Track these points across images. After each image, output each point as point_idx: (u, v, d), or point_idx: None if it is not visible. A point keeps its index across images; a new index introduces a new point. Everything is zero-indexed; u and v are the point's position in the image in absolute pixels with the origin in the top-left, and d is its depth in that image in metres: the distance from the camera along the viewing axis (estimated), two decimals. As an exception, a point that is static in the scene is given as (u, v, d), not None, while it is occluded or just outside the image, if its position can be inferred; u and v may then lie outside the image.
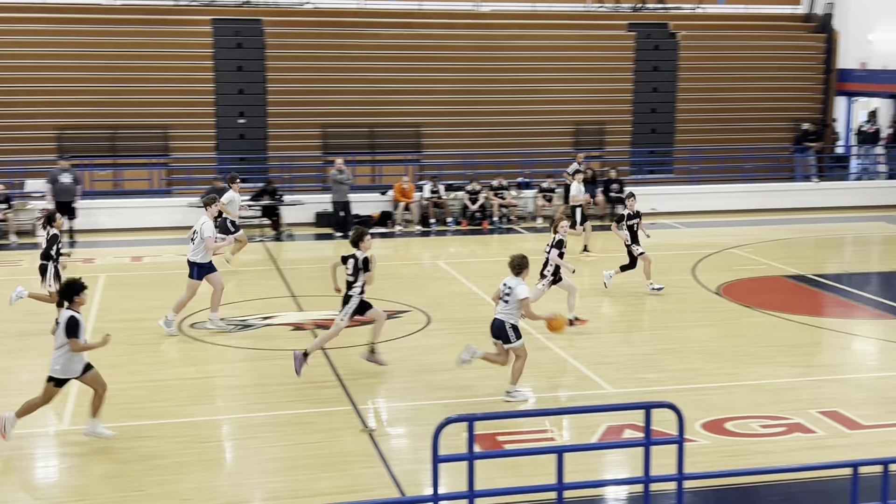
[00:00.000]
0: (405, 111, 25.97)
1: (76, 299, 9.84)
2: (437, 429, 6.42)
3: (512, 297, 11.27)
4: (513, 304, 11.26)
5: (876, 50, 28.08)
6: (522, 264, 11.42)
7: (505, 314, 11.35)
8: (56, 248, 13.91)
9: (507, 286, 11.36)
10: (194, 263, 14.06)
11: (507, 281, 11.42)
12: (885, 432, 10.46)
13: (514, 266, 11.40)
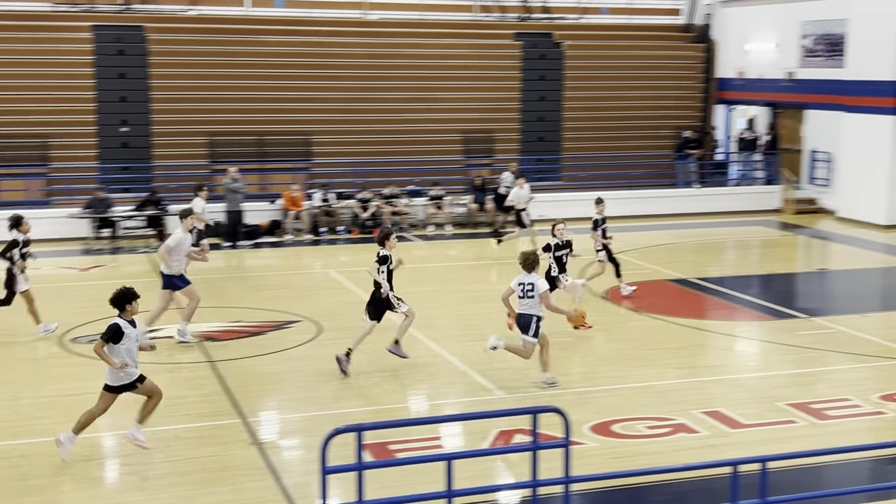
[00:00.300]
0: (294, 119, 25.75)
1: (128, 308, 9.80)
2: (324, 440, 6.36)
3: (535, 291, 11.90)
4: (537, 298, 11.90)
5: (752, 60, 29.05)
6: (536, 260, 12.10)
7: (531, 309, 11.97)
8: (19, 252, 14.00)
9: (528, 283, 11.97)
10: (168, 276, 13.95)
11: (522, 279, 12.04)
12: (765, 431, 10.80)
13: (529, 263, 12.03)
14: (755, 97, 29.35)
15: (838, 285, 19.07)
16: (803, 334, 14.78)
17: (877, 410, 11.50)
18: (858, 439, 10.37)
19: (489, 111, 27.25)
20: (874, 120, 24.36)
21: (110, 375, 9.83)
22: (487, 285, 18.07)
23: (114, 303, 9.84)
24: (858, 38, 24.74)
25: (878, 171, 24.18)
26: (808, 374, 13.00)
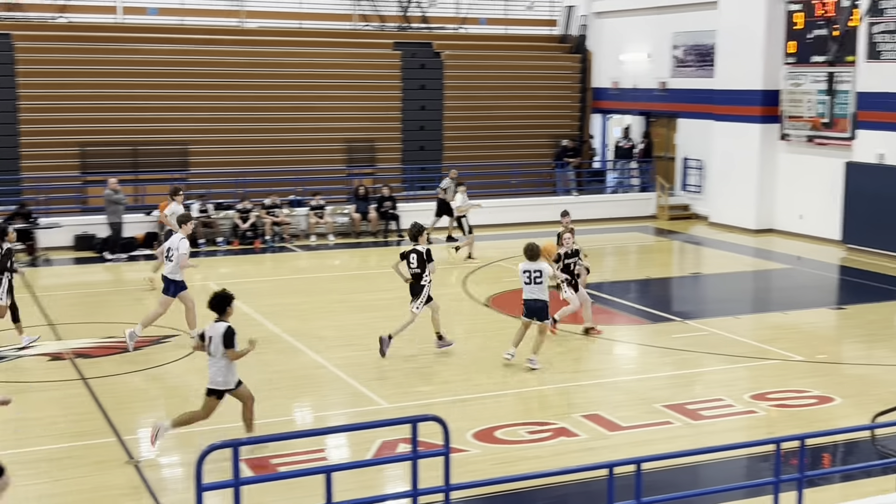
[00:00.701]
0: (170, 129, 25.22)
1: (228, 310, 10.05)
2: (200, 456, 6.24)
3: (543, 277, 13.02)
4: (545, 283, 13.01)
5: (626, 70, 29.78)
6: (538, 251, 13.23)
7: (541, 294, 13.11)
8: (10, 262, 14.08)
9: (534, 269, 13.07)
10: (171, 280, 14.24)
11: (526, 266, 13.11)
12: (643, 432, 11.04)
13: (534, 253, 13.13)
14: (630, 106, 30.08)
15: (711, 289, 19.65)
16: (678, 337, 15.18)
17: (748, 409, 11.87)
18: (731, 438, 10.68)
19: (370, 120, 27.21)
20: (743, 128, 25.23)
21: (225, 378, 10.00)
22: (371, 295, 18.03)
23: (215, 307, 10.03)
24: (727, 49, 25.60)
25: (747, 177, 25.04)
26: (683, 376, 13.35)
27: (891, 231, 21.36)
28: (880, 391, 12.37)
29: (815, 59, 23.54)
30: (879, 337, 15.38)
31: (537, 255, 13.16)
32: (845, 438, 10.77)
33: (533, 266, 13.14)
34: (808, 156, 24.04)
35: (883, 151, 21.80)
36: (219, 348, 9.98)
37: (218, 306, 10.11)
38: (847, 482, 9.72)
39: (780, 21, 24.55)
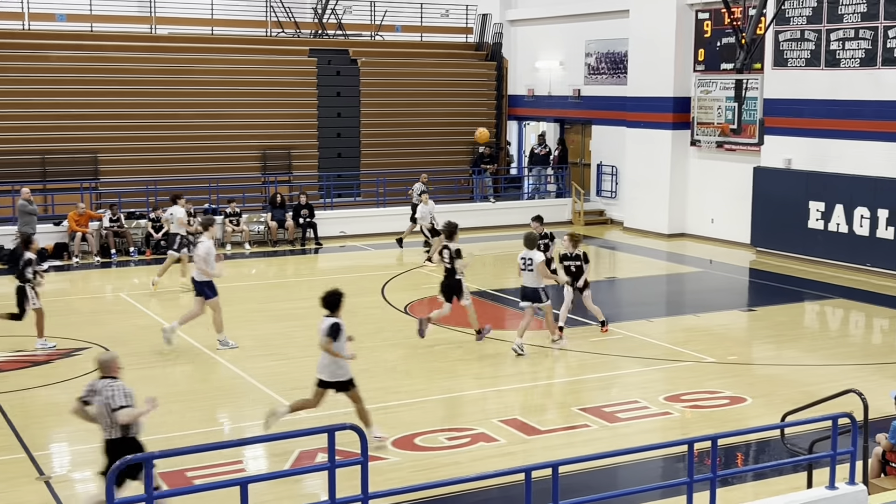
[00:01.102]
0: (80, 137, 24.70)
1: (339, 308, 10.59)
2: (111, 472, 6.12)
3: (533, 264, 14.08)
4: (536, 270, 14.09)
5: (541, 77, 30.10)
6: (536, 239, 14.66)
7: (533, 282, 14.16)
8: (32, 270, 14.47)
9: (527, 258, 14.15)
10: (203, 282, 14.68)
11: (523, 254, 14.24)
12: (560, 436, 11.16)
13: (529, 241, 14.37)
14: (545, 113, 30.42)
15: (626, 293, 19.94)
16: (595, 341, 15.37)
17: (664, 411, 12.08)
18: (647, 439, 10.86)
19: (286, 127, 27.02)
20: (655, 134, 25.70)
21: (331, 371, 10.47)
22: (289, 304, 17.90)
23: (328, 304, 10.52)
24: (638, 57, 26.06)
25: (660, 183, 25.51)
26: (600, 379, 13.52)
27: (797, 234, 21.97)
28: (790, 391, 12.70)
29: (724, 66, 24.11)
30: (788, 338, 15.79)
31: (531, 244, 14.45)
32: (756, 438, 11.03)
33: (527, 254, 14.23)
34: (718, 161, 24.60)
35: (789, 157, 22.41)
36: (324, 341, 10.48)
37: (330, 304, 10.58)
38: (759, 480, 9.96)
39: (690, 29, 25.09)
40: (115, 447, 8.16)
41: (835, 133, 21.41)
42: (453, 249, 14.98)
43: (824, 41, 21.52)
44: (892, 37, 20.15)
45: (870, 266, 20.50)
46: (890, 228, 20.04)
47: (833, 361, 14.26)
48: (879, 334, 16.69)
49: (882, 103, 20.40)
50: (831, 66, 21.40)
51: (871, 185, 20.43)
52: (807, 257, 21.80)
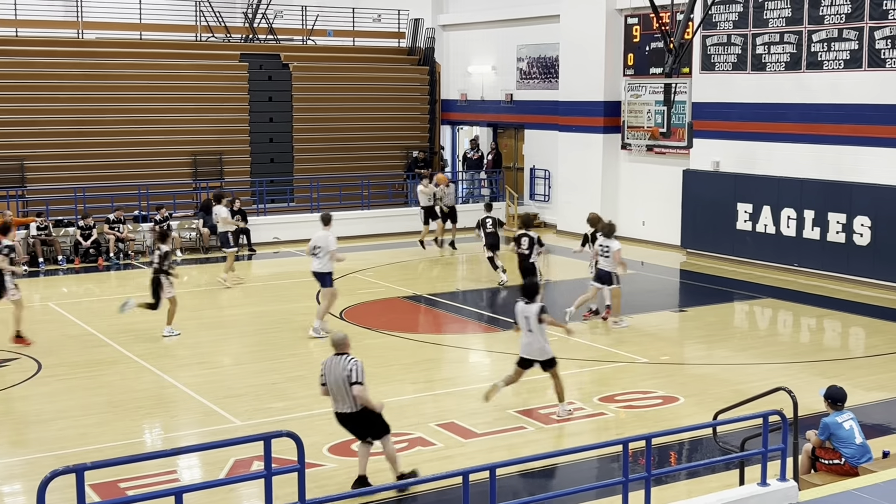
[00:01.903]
0: (5, 144, 24.19)
1: (538, 296, 11.95)
2: (42, 483, 6.00)
3: (611, 252, 16.01)
4: (612, 257, 15.98)
5: (474, 82, 30.23)
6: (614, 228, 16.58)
7: (608, 265, 16.12)
8: (168, 262, 15.62)
9: (605, 245, 16.12)
10: (324, 274, 15.61)
11: (601, 241, 16.21)
12: (497, 438, 11.20)
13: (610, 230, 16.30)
14: (478, 118, 30.54)
15: (560, 295, 20.07)
16: (530, 343, 15.43)
17: (598, 412, 12.20)
18: (582, 440, 10.97)
19: (218, 132, 26.75)
20: (586, 138, 25.95)
21: (540, 349, 11.80)
22: (222, 311, 17.71)
23: (528, 294, 11.97)
24: (569, 62, 26.30)
25: (591, 186, 25.76)
26: (535, 381, 13.55)
27: (726, 235, 22.35)
28: (721, 389, 12.91)
29: (653, 70, 24.45)
30: (719, 337, 16.05)
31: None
32: (689, 436, 11.19)
33: (605, 242, 16.21)
34: (649, 164, 24.93)
35: (718, 159, 22.80)
36: (534, 324, 11.72)
37: (529, 293, 11.97)
38: (692, 479, 10.10)
39: (619, 34, 25.40)
40: (352, 420, 9.47)
41: (762, 136, 21.84)
42: (534, 237, 17.39)
43: (750, 45, 21.94)
44: (815, 41, 20.63)
45: (797, 266, 20.94)
46: (816, 229, 20.48)
47: (763, 360, 14.53)
48: (807, 333, 17.05)
49: (807, 106, 20.86)
50: (758, 69, 21.83)
51: (798, 187, 20.87)
52: (736, 258, 22.19)
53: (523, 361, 11.95)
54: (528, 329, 11.85)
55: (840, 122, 20.22)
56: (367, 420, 9.42)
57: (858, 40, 19.78)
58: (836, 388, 9.30)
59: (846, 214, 19.87)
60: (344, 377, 9.25)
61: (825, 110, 20.52)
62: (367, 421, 9.41)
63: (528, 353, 11.91)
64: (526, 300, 11.94)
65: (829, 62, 20.41)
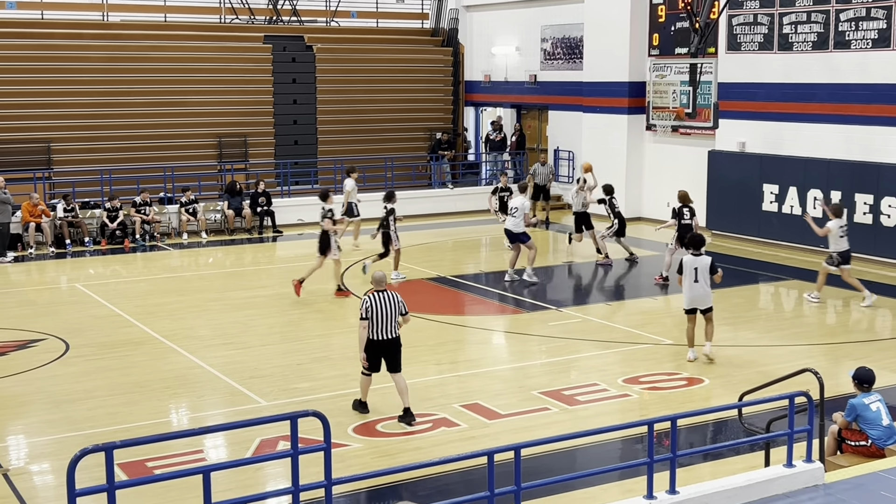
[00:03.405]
0: (32, 126, 24.36)
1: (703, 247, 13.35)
2: (72, 462, 6.06)
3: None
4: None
5: (497, 63, 30.11)
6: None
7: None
8: (393, 219, 18.02)
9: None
10: (518, 233, 18.08)
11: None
12: (521, 419, 11.21)
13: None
14: (501, 99, 30.43)
15: (584, 277, 20.05)
16: (554, 325, 15.46)
17: (622, 393, 12.19)
18: (606, 421, 10.98)
19: (242, 115, 26.81)
20: (610, 119, 25.82)
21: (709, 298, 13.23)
22: (247, 292, 17.79)
23: (693, 244, 13.29)
24: (594, 42, 26.14)
25: (616, 167, 25.64)
26: (559, 363, 13.60)
27: (752, 217, 22.21)
28: (746, 371, 12.86)
29: (679, 51, 24.28)
30: (744, 319, 15.97)
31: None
32: (714, 418, 11.17)
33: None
34: (674, 145, 24.78)
35: (744, 140, 22.63)
36: (705, 274, 13.01)
37: (696, 244, 13.25)
38: (717, 460, 10.08)
39: (644, 14, 25.21)
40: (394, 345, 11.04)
41: (788, 116, 21.64)
42: None
43: (777, 25, 21.73)
44: (843, 20, 20.40)
45: (823, 248, 20.75)
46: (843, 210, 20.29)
47: (789, 342, 14.46)
48: (833, 315, 16.93)
49: (834, 86, 20.66)
50: (784, 49, 21.63)
51: (824, 168, 20.69)
52: (761, 239, 22.05)
53: (692, 310, 13.26)
54: (694, 280, 13.07)
55: (868, 101, 20.01)
56: (399, 347, 11.12)
57: (887, 19, 19.54)
58: (865, 369, 9.24)
59: (873, 195, 19.68)
60: (399, 307, 11.00)
61: (853, 90, 20.31)
62: (399, 348, 11.12)
63: (691, 303, 13.21)
64: (693, 252, 13.16)
65: (856, 41, 20.19)
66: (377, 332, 10.92)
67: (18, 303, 17.18)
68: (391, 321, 10.93)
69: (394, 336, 11.02)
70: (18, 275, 19.94)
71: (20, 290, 18.70)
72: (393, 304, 10.94)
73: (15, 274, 19.96)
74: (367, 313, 10.85)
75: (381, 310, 10.87)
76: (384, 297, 10.92)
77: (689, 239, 13.75)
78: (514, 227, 18.13)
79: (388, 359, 11.09)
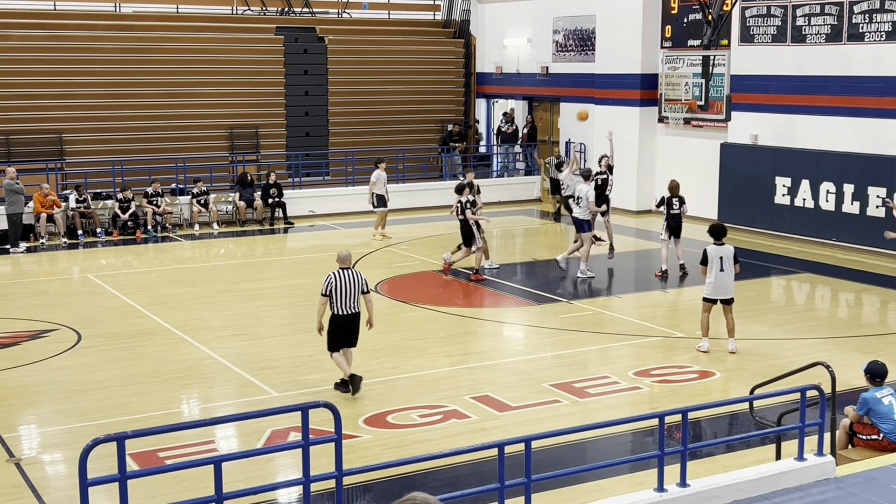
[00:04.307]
0: (44, 116, 24.42)
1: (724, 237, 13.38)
2: (84, 451, 6.09)
3: None
4: None
5: (509, 55, 30.05)
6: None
7: None
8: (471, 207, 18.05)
9: None
10: (583, 220, 18.03)
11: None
12: (531, 412, 11.21)
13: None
14: (513, 91, 30.36)
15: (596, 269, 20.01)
16: (565, 317, 15.45)
17: (633, 386, 12.18)
18: (617, 414, 10.96)
19: (254, 106, 26.83)
20: (623, 111, 25.75)
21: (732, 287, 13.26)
22: (258, 283, 17.82)
23: (716, 234, 13.29)
24: (606, 34, 26.06)
25: (628, 159, 25.57)
26: (569, 355, 13.59)
27: (764, 209, 22.14)
28: (757, 364, 12.83)
29: (691, 43, 24.18)
30: (756, 312, 15.93)
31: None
32: (726, 411, 11.14)
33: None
34: (686, 138, 24.70)
35: (756, 132, 22.55)
36: (730, 263, 13.08)
37: (717, 234, 13.26)
38: (728, 453, 10.07)
39: (657, 6, 25.11)
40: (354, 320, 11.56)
41: (801, 109, 21.55)
42: None
43: (790, 17, 21.62)
44: (857, 13, 20.29)
45: (836, 241, 20.71)
46: (856, 203, 20.23)
47: (800, 335, 14.42)
48: (845, 308, 16.89)
49: (847, 79, 20.55)
50: (797, 41, 21.52)
51: (837, 161, 20.61)
52: (774, 232, 21.98)
53: (710, 301, 13.31)
54: (720, 269, 13.11)
55: (881, 94, 19.90)
56: (358, 324, 11.64)
57: (901, 11, 19.43)
58: (878, 363, 9.22)
59: (887, 188, 19.59)
60: (362, 285, 11.52)
61: (866, 83, 20.20)
62: (358, 324, 11.64)
63: (716, 293, 13.24)
64: (716, 241, 13.23)
65: (870, 34, 20.08)
66: (341, 308, 11.48)
67: (31, 293, 17.24)
68: (354, 297, 11.51)
69: (355, 311, 11.57)
70: (31, 265, 20.01)
71: (32, 280, 18.77)
72: (356, 281, 11.49)
73: (27, 264, 20.04)
74: (328, 290, 11.46)
75: (345, 287, 11.44)
76: (348, 275, 11.50)
77: (710, 229, 13.62)
78: (581, 216, 18.18)
79: (348, 333, 11.65)
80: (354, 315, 11.59)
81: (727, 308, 13.37)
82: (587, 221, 18.16)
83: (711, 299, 13.35)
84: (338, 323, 11.55)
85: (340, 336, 11.66)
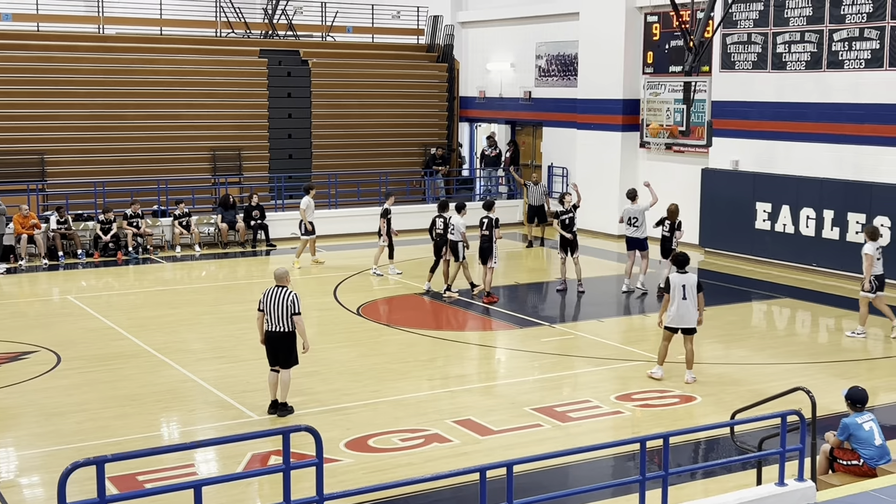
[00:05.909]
0: (26, 138, 24.34)
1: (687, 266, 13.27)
2: (62, 475, 6.04)
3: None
4: None
5: (492, 79, 30.20)
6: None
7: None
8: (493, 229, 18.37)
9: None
10: (639, 239, 19.03)
11: None
12: (513, 436, 11.20)
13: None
14: (496, 115, 30.51)
15: (577, 293, 20.06)
16: (546, 341, 15.46)
17: (615, 410, 12.18)
18: (599, 438, 10.94)
19: (237, 128, 26.83)
20: (605, 136, 25.89)
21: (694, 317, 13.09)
22: (240, 306, 17.75)
23: (679, 263, 13.21)
24: (588, 59, 26.24)
25: (610, 184, 25.69)
26: (551, 379, 13.59)
27: (745, 235, 22.27)
28: (739, 389, 12.87)
29: (673, 69, 24.37)
30: (737, 337, 15.99)
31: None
32: (707, 436, 11.16)
33: None
34: (667, 163, 24.84)
35: (737, 158, 22.71)
36: (692, 292, 12.98)
37: (680, 263, 13.20)
38: (709, 478, 10.08)
39: (639, 32, 25.32)
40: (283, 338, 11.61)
41: (781, 135, 21.73)
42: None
43: (771, 44, 21.84)
44: (836, 40, 20.51)
45: (816, 266, 20.84)
46: (835, 229, 20.38)
47: (781, 360, 14.48)
48: (826, 333, 16.97)
49: (827, 105, 20.75)
50: (778, 68, 21.73)
51: (817, 187, 20.77)
52: (754, 257, 22.10)
53: (671, 330, 13.13)
54: (682, 297, 12.96)
55: (860, 121, 20.11)
56: (292, 344, 11.68)
57: (880, 40, 19.66)
58: (858, 388, 9.26)
59: (866, 215, 19.75)
60: (288, 305, 11.52)
61: (846, 110, 20.41)
62: (292, 344, 11.67)
63: (678, 322, 13.05)
64: (679, 270, 13.16)
65: (850, 61, 20.30)
66: (271, 324, 11.65)
67: (10, 315, 17.12)
68: (281, 316, 11.54)
69: (284, 331, 11.58)
70: (10, 286, 19.87)
71: (12, 301, 18.64)
72: (283, 301, 11.54)
73: (7, 286, 19.90)
74: (260, 305, 11.73)
75: (271, 305, 11.58)
76: (276, 293, 11.62)
77: (673, 257, 13.66)
78: (640, 235, 18.99)
79: (279, 353, 11.71)
80: (284, 335, 11.61)
81: (688, 338, 13.17)
82: (646, 238, 19.12)
83: (672, 328, 13.20)
84: (268, 339, 11.72)
85: (270, 353, 11.80)
